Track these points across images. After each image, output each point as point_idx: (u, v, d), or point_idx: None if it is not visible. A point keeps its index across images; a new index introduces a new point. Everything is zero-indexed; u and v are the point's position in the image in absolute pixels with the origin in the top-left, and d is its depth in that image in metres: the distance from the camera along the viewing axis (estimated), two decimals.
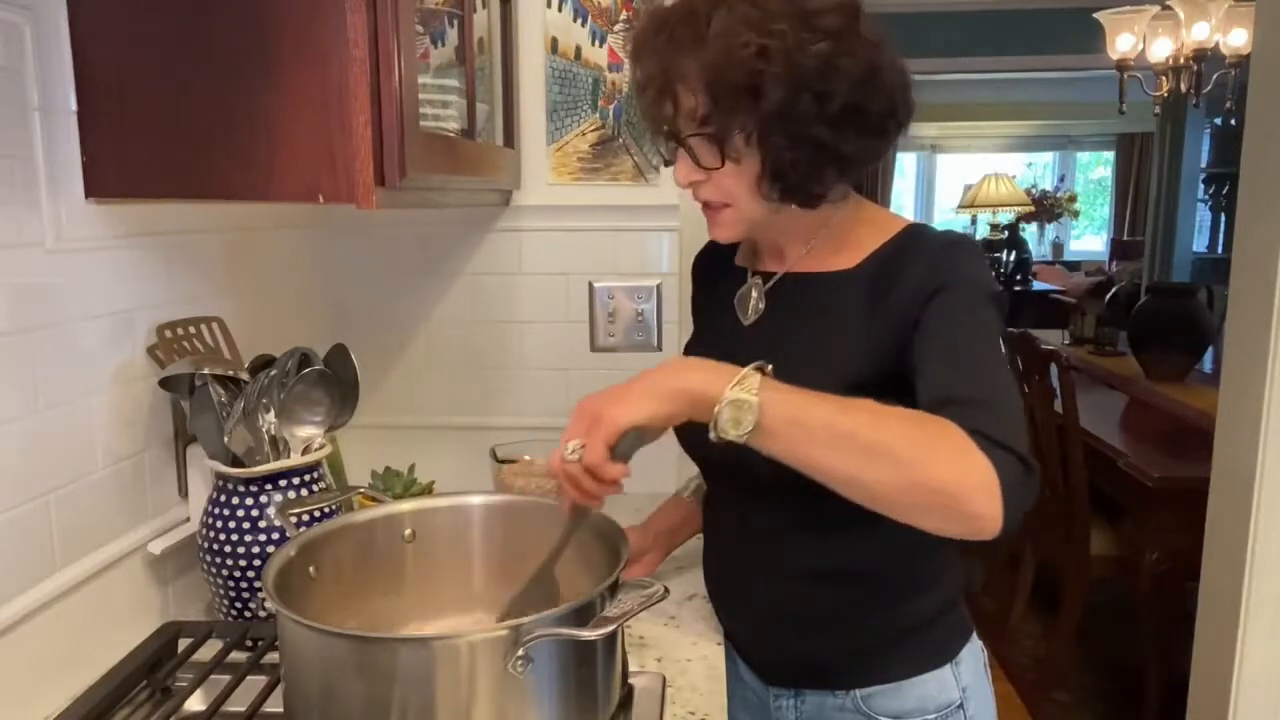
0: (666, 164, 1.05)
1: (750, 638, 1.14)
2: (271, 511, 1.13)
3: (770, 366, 0.83)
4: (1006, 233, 7.54)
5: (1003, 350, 0.92)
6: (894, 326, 0.93)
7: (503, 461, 1.45)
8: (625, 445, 0.84)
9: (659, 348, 1.68)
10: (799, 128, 0.90)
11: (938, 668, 1.05)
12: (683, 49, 0.91)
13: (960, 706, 1.05)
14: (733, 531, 1.12)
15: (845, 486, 0.82)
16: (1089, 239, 9.48)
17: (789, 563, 1.05)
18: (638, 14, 1.00)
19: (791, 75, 0.88)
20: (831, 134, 0.92)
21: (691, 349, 1.18)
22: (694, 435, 0.94)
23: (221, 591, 1.14)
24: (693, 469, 1.20)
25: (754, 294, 1.07)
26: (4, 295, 0.93)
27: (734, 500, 1.11)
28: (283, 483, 1.16)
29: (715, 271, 1.16)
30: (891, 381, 0.92)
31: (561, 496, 0.90)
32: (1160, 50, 3.52)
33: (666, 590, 0.86)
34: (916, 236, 0.99)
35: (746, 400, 0.80)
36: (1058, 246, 9.16)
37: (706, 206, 1.01)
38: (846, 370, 0.95)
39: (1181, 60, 3.45)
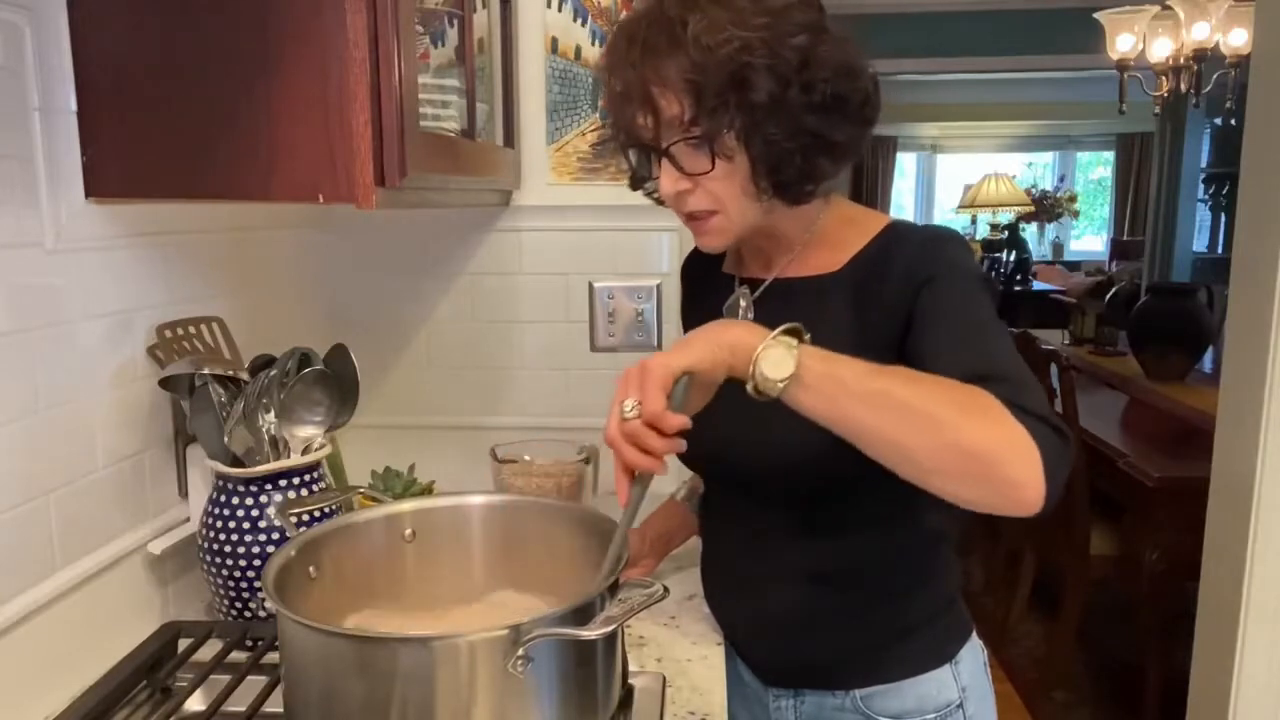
0: (635, 185, 1.03)
1: (749, 639, 1.13)
2: (271, 511, 1.13)
3: (808, 334, 0.82)
4: (1006, 233, 7.55)
5: (1005, 330, 0.92)
6: (883, 324, 0.94)
7: (503, 461, 1.45)
8: (678, 396, 0.81)
9: (659, 348, 1.68)
10: (790, 118, 0.90)
11: (936, 668, 1.05)
12: (661, 54, 0.89)
13: (960, 706, 1.05)
14: (730, 534, 1.12)
15: (881, 448, 0.80)
16: (1089, 239, 9.48)
17: (786, 565, 1.05)
18: None
19: (777, 66, 0.88)
20: (821, 122, 0.91)
21: None
22: (691, 436, 0.94)
23: (221, 591, 1.14)
24: (688, 471, 1.20)
25: (742, 303, 1.07)
26: (4, 295, 0.93)
27: (731, 503, 1.11)
28: (283, 483, 1.16)
29: (704, 278, 1.15)
30: None
31: (617, 472, 0.84)
32: (1160, 50, 3.52)
33: (666, 590, 0.86)
34: (898, 233, 0.99)
35: (786, 345, 0.80)
36: (1058, 246, 9.16)
37: (691, 218, 0.98)
38: None
39: (1181, 60, 3.45)
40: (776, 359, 0.80)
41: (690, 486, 1.30)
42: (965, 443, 0.77)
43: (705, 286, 1.14)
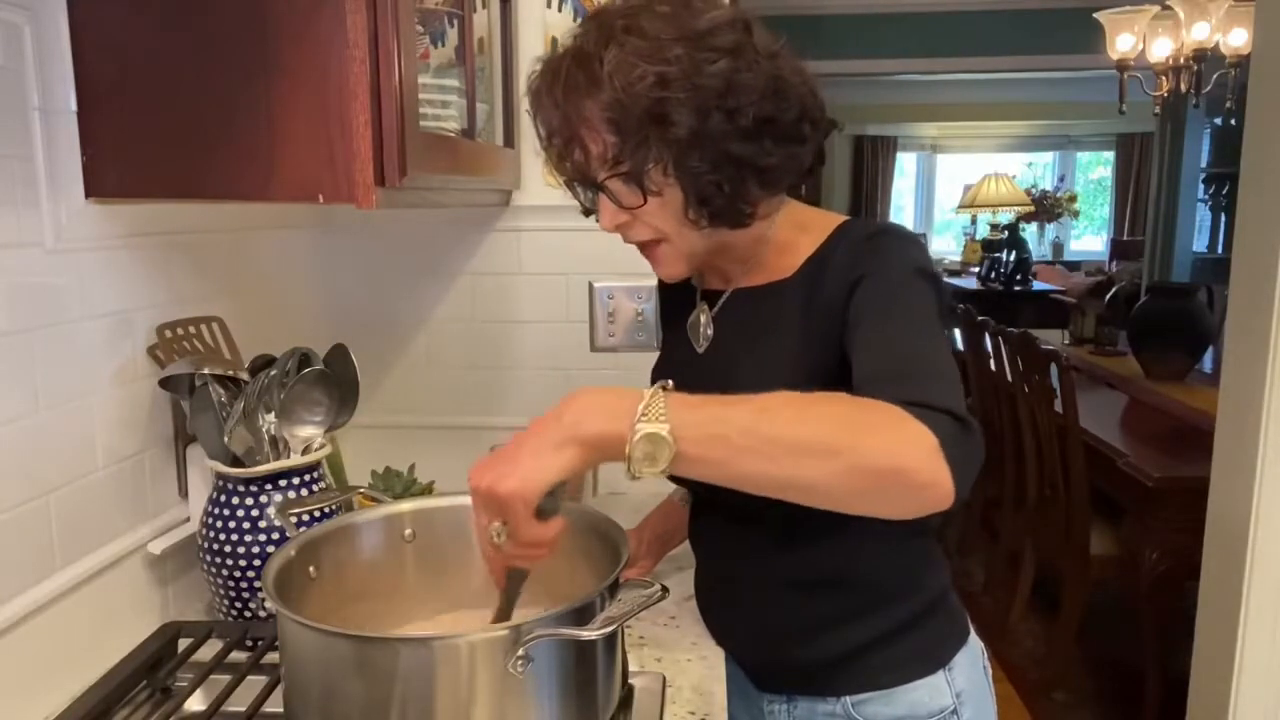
0: (586, 213, 1.03)
1: (739, 646, 1.13)
2: (271, 511, 1.13)
3: (671, 383, 0.78)
4: (1006, 233, 7.53)
5: (933, 321, 0.89)
6: (826, 327, 0.93)
7: None
8: (548, 503, 0.78)
9: (659, 348, 1.68)
10: (715, 148, 0.89)
11: (929, 674, 1.03)
12: (580, 93, 0.89)
13: (954, 712, 1.03)
14: (715, 543, 1.12)
15: (785, 491, 0.77)
16: (1089, 239, 9.48)
17: (769, 572, 1.04)
18: None
19: (696, 98, 0.87)
20: (748, 148, 0.90)
21: (656, 373, 1.18)
22: None
23: (221, 591, 1.14)
24: None
25: (703, 319, 1.08)
26: (4, 295, 0.94)
27: (714, 513, 1.10)
28: (283, 483, 1.16)
29: (673, 289, 1.15)
30: (836, 383, 0.91)
31: (492, 566, 0.85)
32: (1160, 50, 3.52)
33: (666, 590, 0.86)
34: (843, 233, 0.99)
35: (657, 432, 0.73)
36: (1058, 246, 9.16)
37: (642, 248, 0.99)
38: (792, 381, 0.95)
39: (1181, 60, 3.45)
40: (653, 449, 0.74)
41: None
42: (866, 462, 0.74)
43: (674, 299, 1.15)
